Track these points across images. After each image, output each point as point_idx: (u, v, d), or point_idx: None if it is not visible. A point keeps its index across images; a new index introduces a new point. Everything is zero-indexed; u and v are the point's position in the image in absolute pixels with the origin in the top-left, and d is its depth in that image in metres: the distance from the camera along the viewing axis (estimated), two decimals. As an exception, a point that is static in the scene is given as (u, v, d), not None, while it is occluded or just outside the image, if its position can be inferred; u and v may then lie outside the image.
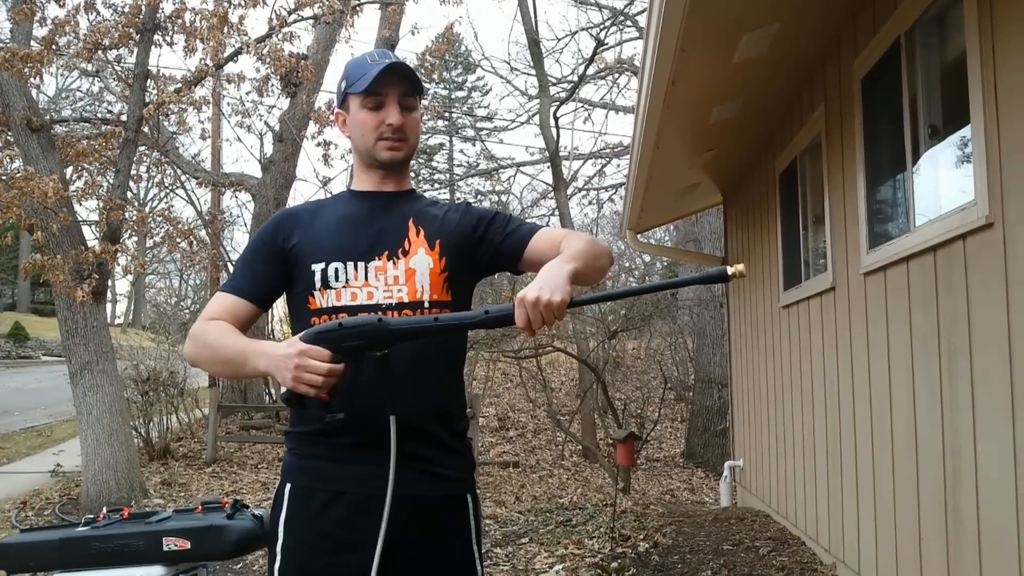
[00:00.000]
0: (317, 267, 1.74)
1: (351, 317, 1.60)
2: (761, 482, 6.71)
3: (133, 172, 9.05)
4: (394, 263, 1.74)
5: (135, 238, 11.33)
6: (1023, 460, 2.59)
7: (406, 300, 1.71)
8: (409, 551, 1.65)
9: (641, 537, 5.52)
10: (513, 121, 28.23)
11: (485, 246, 1.82)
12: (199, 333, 1.75)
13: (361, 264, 1.74)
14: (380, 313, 1.66)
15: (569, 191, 16.03)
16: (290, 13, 8.74)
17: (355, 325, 1.56)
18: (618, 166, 18.55)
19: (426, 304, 1.72)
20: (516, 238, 1.81)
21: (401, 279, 1.72)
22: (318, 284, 1.73)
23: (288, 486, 1.73)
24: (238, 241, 28.36)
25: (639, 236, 8.59)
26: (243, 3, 8.07)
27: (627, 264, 19.12)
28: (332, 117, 10.87)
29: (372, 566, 1.64)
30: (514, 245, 1.81)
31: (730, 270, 1.47)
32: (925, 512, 3.37)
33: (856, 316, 4.20)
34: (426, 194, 2.10)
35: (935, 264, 3.21)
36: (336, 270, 1.73)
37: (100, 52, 8.11)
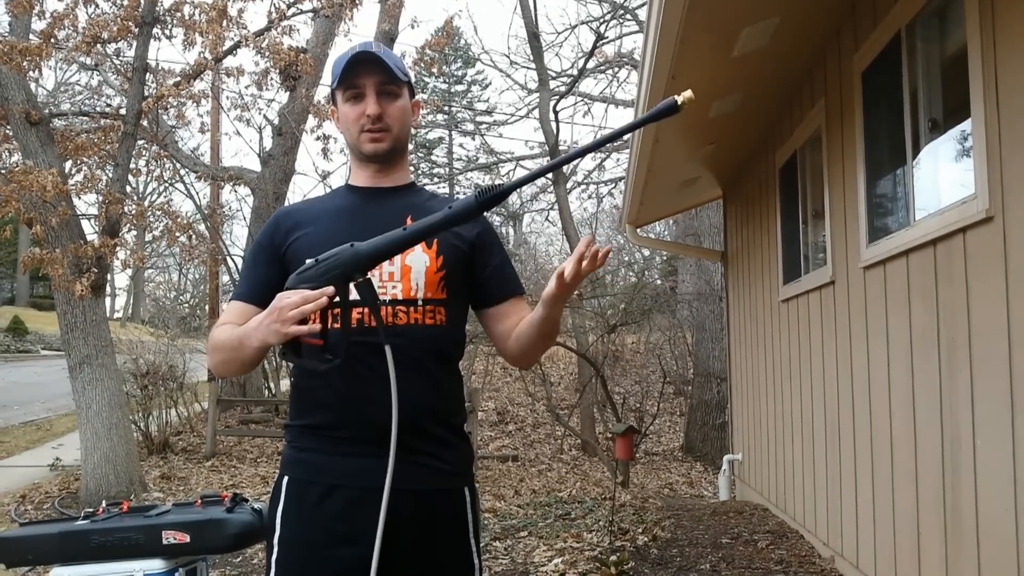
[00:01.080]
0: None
1: (326, 253, 1.58)
2: (760, 476, 6.72)
3: (132, 166, 9.03)
4: (390, 259, 1.72)
5: (134, 232, 11.34)
6: (1021, 452, 2.59)
7: (400, 297, 1.70)
8: (407, 544, 1.65)
9: (640, 530, 5.53)
10: (513, 115, 28.26)
11: (476, 259, 1.82)
12: (209, 341, 1.79)
13: None
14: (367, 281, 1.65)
15: (569, 185, 16.03)
16: (289, 6, 8.72)
17: (329, 256, 1.56)
18: (618, 160, 18.55)
19: (420, 302, 1.72)
20: (501, 285, 1.84)
21: (396, 275, 1.71)
22: None
23: (286, 479, 1.73)
24: (237, 235, 28.40)
25: (638, 230, 8.59)
26: (242, -4, 8.06)
27: (626, 259, 19.10)
28: (331, 114, 10.88)
29: (370, 558, 1.64)
30: (494, 290, 1.83)
31: (679, 99, 1.41)
32: (923, 505, 3.38)
33: (856, 310, 4.20)
34: (426, 187, 2.07)
35: (935, 258, 3.20)
36: None
37: (99, 46, 8.09)
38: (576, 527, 5.88)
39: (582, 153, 1.59)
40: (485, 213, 1.58)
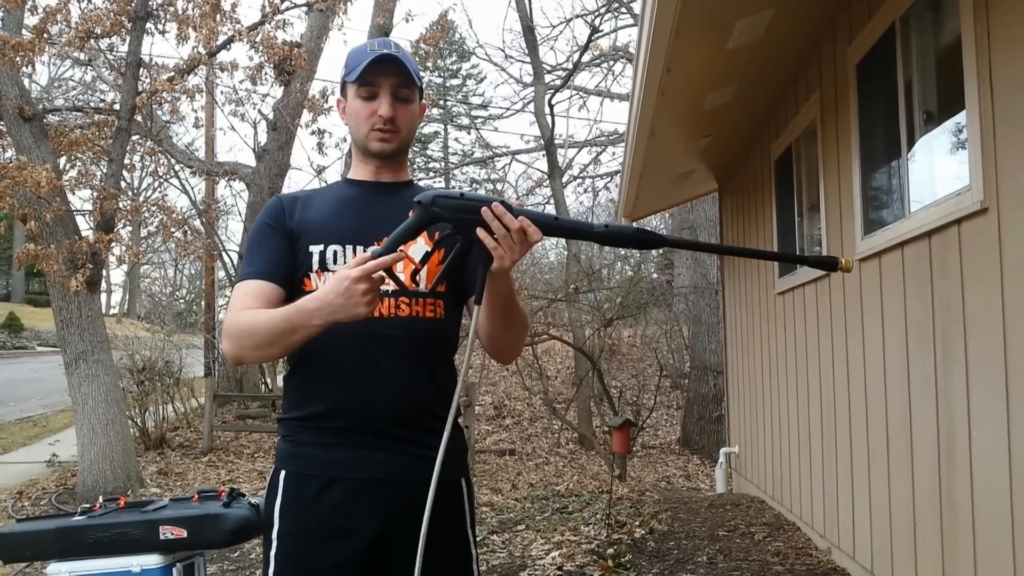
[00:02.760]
0: (315, 249, 1.73)
1: (473, 191, 1.57)
2: (756, 468, 6.74)
3: (127, 161, 9.02)
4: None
5: (129, 227, 11.33)
6: (1016, 444, 2.60)
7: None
8: (403, 536, 1.65)
9: (637, 523, 5.54)
10: (508, 109, 28.22)
11: (470, 249, 1.81)
12: (231, 326, 1.67)
13: (360, 248, 1.72)
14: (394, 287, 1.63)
15: (564, 179, 16.02)
16: (283, 0, 8.69)
17: (477, 198, 1.51)
18: (613, 154, 18.56)
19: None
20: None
21: (398, 267, 1.71)
22: (315, 266, 1.72)
23: (283, 473, 1.72)
24: (232, 230, 28.31)
25: (635, 224, 8.58)
26: (236, -10, 8.03)
27: (623, 252, 19.10)
28: (327, 105, 10.87)
29: (368, 550, 1.64)
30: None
31: (842, 260, 1.53)
32: (919, 496, 3.39)
33: (851, 302, 4.21)
34: (422, 183, 2.06)
35: (930, 250, 3.21)
36: (335, 252, 1.72)
37: (92, 41, 8.07)
38: (573, 520, 5.89)
39: (752, 254, 1.97)
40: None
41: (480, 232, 1.50)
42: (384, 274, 1.52)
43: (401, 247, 1.55)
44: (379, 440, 1.67)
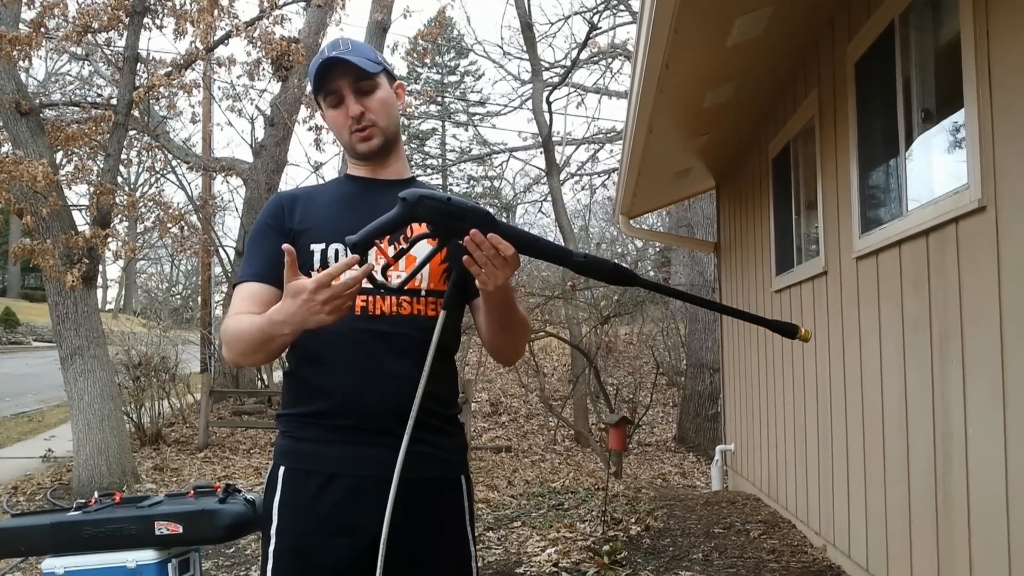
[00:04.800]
0: (317, 247, 1.72)
1: (461, 198, 1.55)
2: (752, 466, 6.75)
3: (123, 156, 9.00)
4: (395, 248, 1.71)
5: (126, 223, 11.31)
6: (1013, 442, 2.60)
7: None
8: (402, 533, 1.65)
9: (633, 520, 5.55)
10: (506, 106, 28.19)
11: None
12: (225, 331, 1.68)
13: None
14: (379, 293, 1.64)
15: (562, 176, 16.01)
16: (281, -5, 8.68)
17: (463, 205, 1.49)
18: (611, 151, 18.54)
19: (423, 292, 1.71)
20: None
21: (401, 265, 1.70)
22: (317, 265, 1.71)
23: (282, 469, 1.72)
24: (229, 226, 28.32)
25: (632, 221, 8.59)
26: (233, -15, 8.01)
27: (619, 250, 19.15)
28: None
29: (369, 547, 1.64)
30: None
31: (801, 329, 1.59)
32: (915, 494, 3.39)
33: (848, 300, 4.21)
34: (419, 178, 2.05)
35: (927, 248, 3.21)
36: (337, 251, 1.71)
37: (89, 35, 8.05)
38: (569, 517, 5.89)
39: (720, 309, 1.92)
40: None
41: (466, 260, 1.49)
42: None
43: (377, 241, 1.53)
44: (380, 437, 1.65)
